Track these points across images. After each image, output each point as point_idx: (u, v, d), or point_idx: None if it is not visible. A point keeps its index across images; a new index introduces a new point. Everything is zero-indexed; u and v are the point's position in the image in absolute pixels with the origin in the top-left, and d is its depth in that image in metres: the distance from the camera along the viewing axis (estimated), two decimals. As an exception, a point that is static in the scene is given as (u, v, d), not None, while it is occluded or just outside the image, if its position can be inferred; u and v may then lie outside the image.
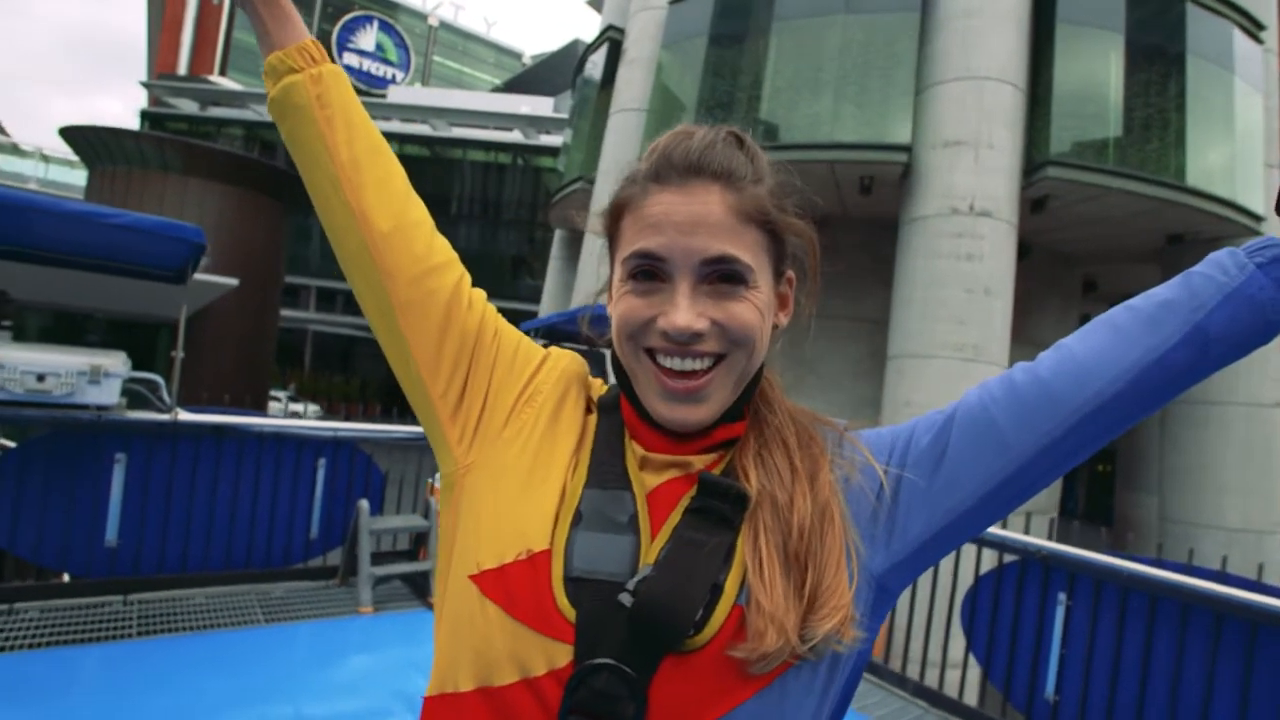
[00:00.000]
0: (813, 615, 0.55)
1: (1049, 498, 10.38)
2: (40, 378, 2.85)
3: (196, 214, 15.21)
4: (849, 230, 10.46)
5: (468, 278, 0.71)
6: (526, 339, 0.73)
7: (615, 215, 0.66)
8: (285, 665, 3.15)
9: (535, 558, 0.58)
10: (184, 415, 3.47)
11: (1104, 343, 0.59)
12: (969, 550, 3.51)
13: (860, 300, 10.33)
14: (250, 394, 14.05)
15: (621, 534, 0.59)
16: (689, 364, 0.60)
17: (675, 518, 0.60)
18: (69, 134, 17.26)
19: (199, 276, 10.57)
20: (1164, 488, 9.44)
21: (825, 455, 0.64)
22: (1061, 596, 3.07)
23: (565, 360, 0.71)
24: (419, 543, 4.21)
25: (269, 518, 3.80)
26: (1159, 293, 0.60)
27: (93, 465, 3.31)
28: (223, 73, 39.03)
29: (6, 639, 2.90)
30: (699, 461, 0.64)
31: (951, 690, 3.43)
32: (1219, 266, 0.59)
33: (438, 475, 0.70)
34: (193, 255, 3.14)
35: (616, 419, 0.67)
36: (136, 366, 3.50)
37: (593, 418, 0.69)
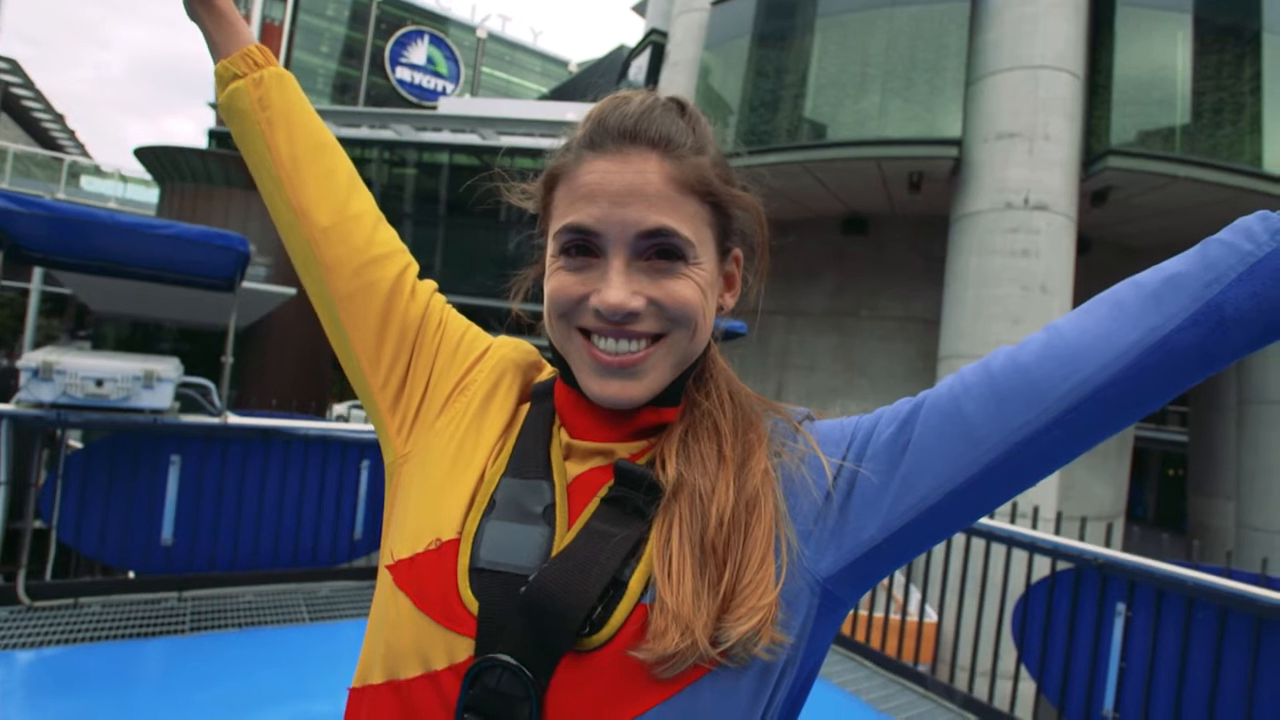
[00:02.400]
0: (728, 615, 0.50)
1: (1114, 501, 9.88)
2: (99, 383, 3.00)
3: (258, 227, 15.87)
4: (898, 229, 10.20)
5: (414, 268, 0.70)
6: (475, 329, 0.72)
7: (548, 185, 0.63)
8: (329, 662, 3.23)
9: (444, 547, 0.56)
10: (233, 419, 3.60)
11: (1099, 323, 0.51)
12: (1020, 556, 3.35)
13: (910, 300, 10.07)
14: (310, 400, 14.59)
15: (534, 524, 0.56)
16: (624, 345, 0.57)
17: (591, 508, 0.56)
18: (142, 154, 18.27)
19: (256, 286, 11.02)
20: (1241, 492, 8.89)
21: (763, 443, 0.59)
22: (1120, 607, 2.90)
23: (506, 349, 0.69)
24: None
25: (315, 519, 3.90)
26: (1169, 265, 0.52)
27: (150, 466, 3.47)
28: (283, 91, 40.63)
29: (71, 632, 3.05)
30: (623, 450, 0.60)
31: (1003, 703, 3.28)
32: (1245, 233, 0.50)
33: None
34: (239, 263, 3.27)
35: (547, 407, 0.65)
36: (204, 373, 3.65)
37: (526, 406, 0.66)
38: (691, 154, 0.58)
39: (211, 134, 30.91)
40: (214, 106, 31.40)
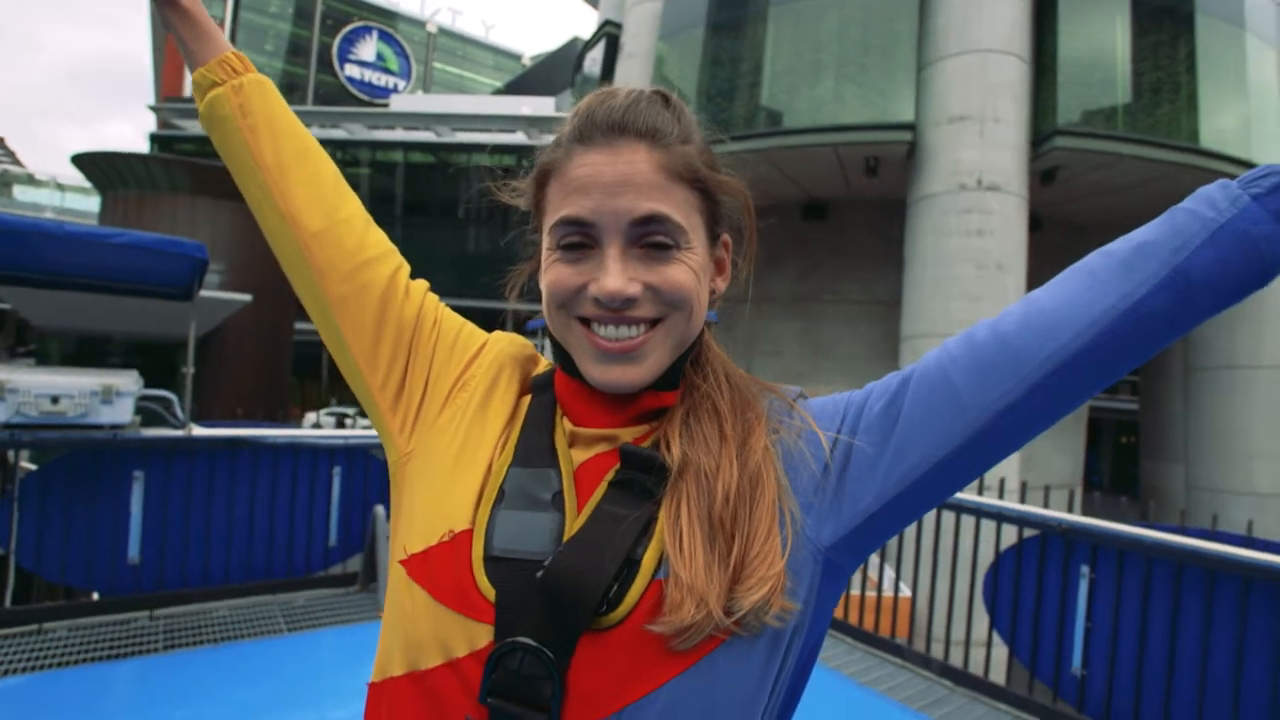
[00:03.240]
0: (739, 586, 0.52)
1: (1072, 471, 10.23)
2: (54, 400, 2.90)
3: (208, 233, 15.40)
4: (857, 213, 10.36)
5: (405, 269, 0.71)
6: (470, 326, 0.73)
7: (540, 181, 0.64)
8: (310, 672, 3.19)
9: (457, 538, 0.57)
10: (198, 430, 3.51)
11: (1074, 292, 0.54)
12: (988, 526, 3.46)
13: (872, 283, 10.24)
14: (269, 408, 14.25)
15: (544, 511, 0.57)
16: (624, 331, 0.58)
17: (600, 492, 0.58)
18: (81, 161, 17.54)
19: (211, 294, 10.69)
20: (1190, 456, 9.29)
21: (761, 421, 0.61)
22: (1084, 569, 3.02)
23: (503, 343, 0.71)
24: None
25: (287, 528, 3.83)
26: (1138, 234, 0.55)
27: (112, 484, 3.36)
28: (227, 92, 39.36)
29: (37, 659, 2.95)
30: (626, 434, 0.62)
31: (977, 669, 3.39)
32: (1207, 200, 0.53)
33: None
34: (196, 271, 3.18)
35: (548, 397, 0.66)
36: (158, 385, 3.55)
37: (527, 398, 0.68)
38: (678, 143, 0.60)
39: (154, 138, 29.86)
40: (155, 110, 30.36)
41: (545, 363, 0.72)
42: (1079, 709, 3.03)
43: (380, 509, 3.74)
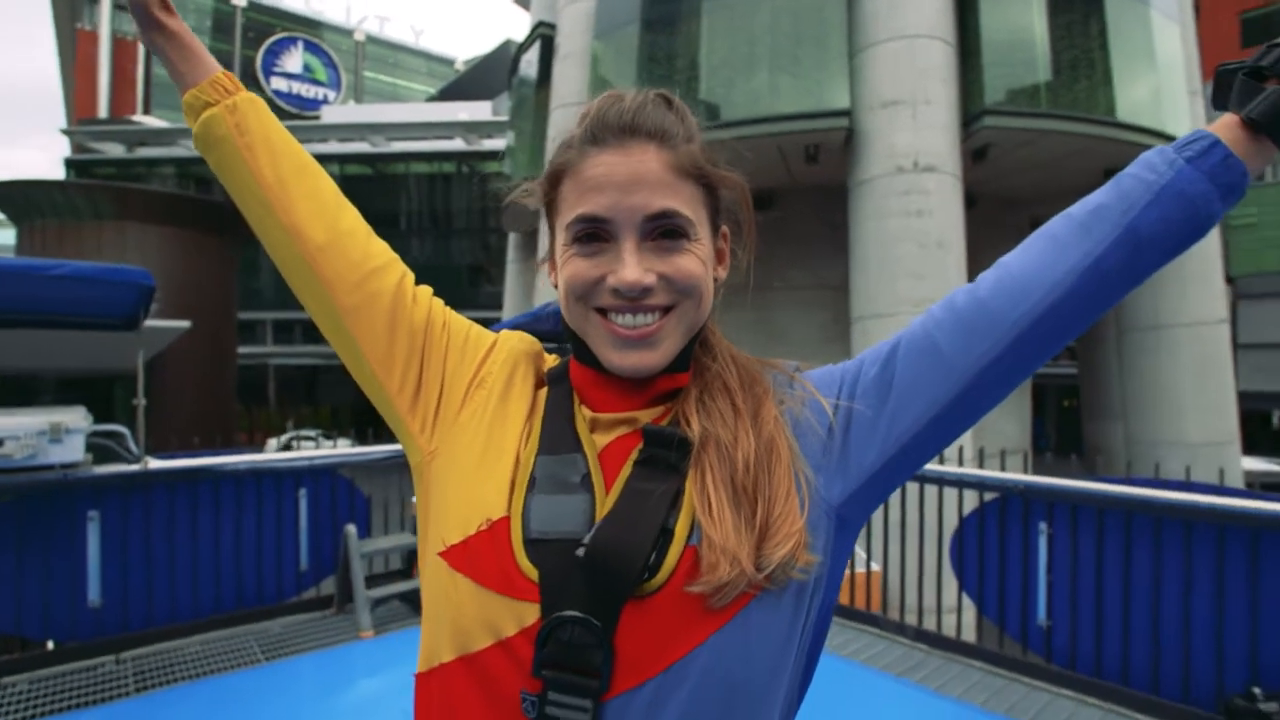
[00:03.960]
0: (766, 544, 0.57)
1: (1022, 436, 10.66)
2: (-1, 443, 2.77)
3: (138, 259, 14.77)
4: (801, 201, 10.57)
5: (410, 275, 0.73)
6: (477, 327, 0.75)
7: (554, 181, 0.67)
8: (292, 700, 3.12)
9: (495, 526, 0.60)
10: (154, 463, 3.40)
11: (1040, 255, 0.61)
12: (950, 494, 3.61)
13: (819, 269, 10.47)
14: (217, 435, 13.77)
15: (575, 493, 0.61)
16: (640, 319, 0.62)
17: (626, 471, 0.62)
18: (-9, 192, 16.61)
19: (149, 323, 10.24)
20: (1127, 413, 9.78)
21: (769, 394, 0.66)
22: (1043, 526, 3.18)
23: (514, 341, 0.74)
24: (412, 560, 4.18)
25: (255, 555, 3.74)
26: (1092, 199, 0.61)
27: (65, 526, 3.23)
28: (147, 111, 37.77)
29: (-2, 714, 2.82)
30: (645, 416, 0.66)
31: (949, 633, 3.53)
32: (1148, 165, 0.60)
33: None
34: (142, 299, 3.07)
35: (565, 388, 0.70)
36: (98, 421, 3.41)
37: (544, 391, 0.71)
38: (683, 142, 0.64)
39: (69, 163, 28.39)
40: (69, 133, 28.88)
41: (551, 358, 0.76)
42: (1047, 658, 3.19)
43: (351, 528, 3.68)
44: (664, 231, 0.62)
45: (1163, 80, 9.27)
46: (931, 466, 3.66)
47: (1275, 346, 16.21)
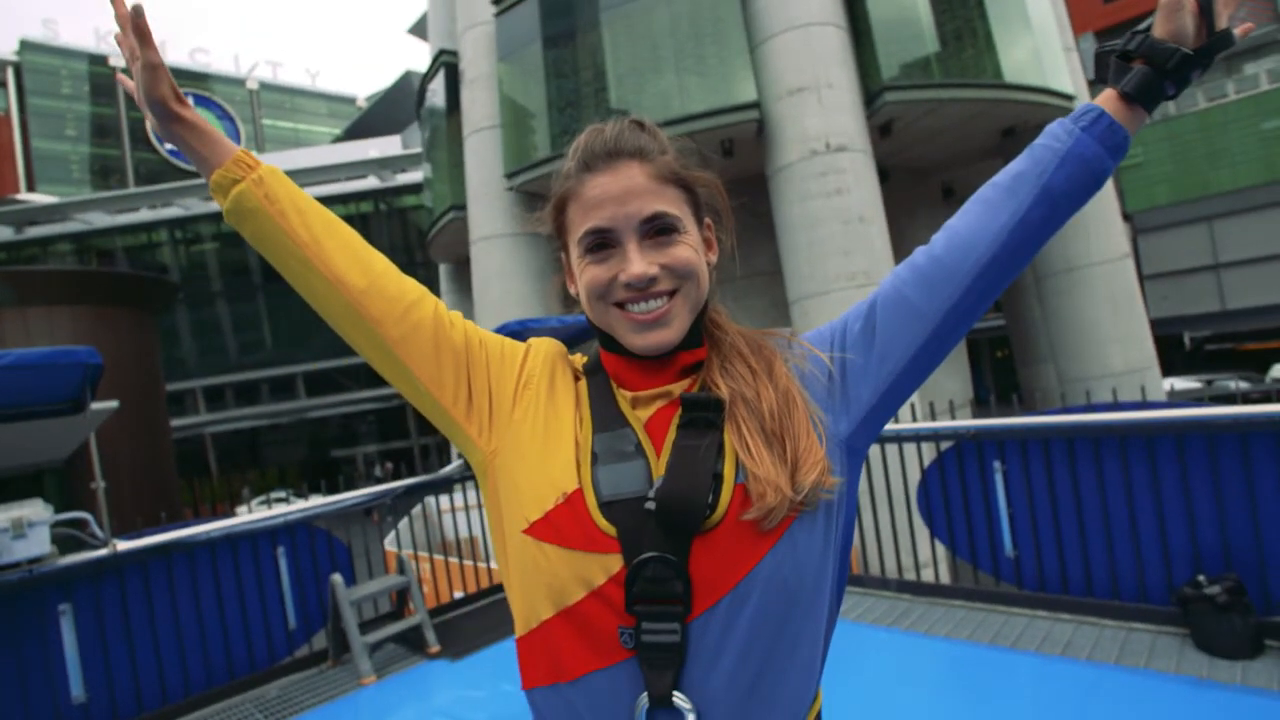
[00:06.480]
0: (798, 473, 0.69)
1: (963, 390, 11.19)
2: (-43, 547, 2.65)
3: (47, 344, 13.97)
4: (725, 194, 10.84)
5: (442, 303, 0.84)
6: (506, 339, 0.87)
7: (560, 208, 0.80)
8: (303, 759, 3.08)
9: (571, 497, 0.71)
10: (122, 545, 3.30)
11: (977, 216, 0.75)
12: (910, 450, 3.83)
13: (751, 257, 10.75)
14: (159, 511, 13.14)
15: (632, 460, 0.72)
16: (652, 304, 0.74)
17: (671, 435, 0.73)
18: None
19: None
20: (1055, 354, 10.40)
21: (776, 355, 0.79)
22: (997, 464, 3.42)
23: (545, 345, 0.86)
24: (402, 601, 4.15)
25: (241, 621, 3.66)
26: (1013, 166, 0.76)
27: (36, 623, 3.10)
28: (31, 188, 35.73)
29: (-5, 828, 2.70)
30: (677, 388, 0.78)
31: (929, 579, 3.74)
32: (1053, 135, 0.75)
33: (386, 540, 0.82)
34: (89, 379, 2.98)
35: (602, 376, 0.81)
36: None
37: (582, 382, 0.82)
38: (659, 155, 0.78)
39: (-45, 253, 26.58)
40: (-48, 222, 26.98)
41: (579, 357, 0.87)
42: (1018, 585, 3.43)
43: (337, 577, 3.65)
44: (658, 230, 0.74)
45: (1039, 41, 9.91)
46: (889, 426, 3.88)
47: (1176, 274, 17.44)
